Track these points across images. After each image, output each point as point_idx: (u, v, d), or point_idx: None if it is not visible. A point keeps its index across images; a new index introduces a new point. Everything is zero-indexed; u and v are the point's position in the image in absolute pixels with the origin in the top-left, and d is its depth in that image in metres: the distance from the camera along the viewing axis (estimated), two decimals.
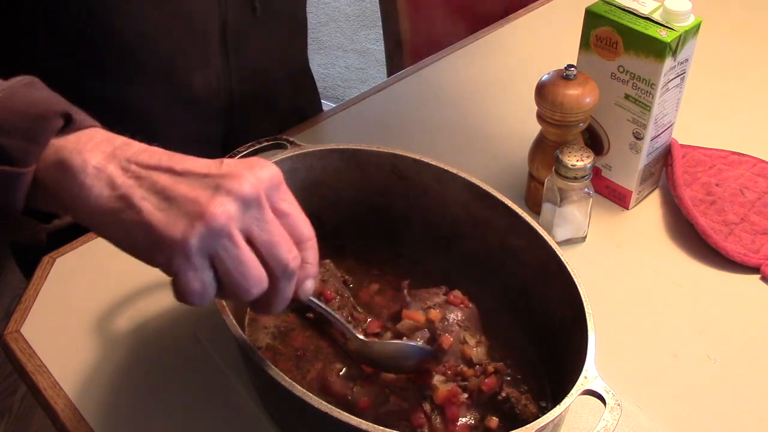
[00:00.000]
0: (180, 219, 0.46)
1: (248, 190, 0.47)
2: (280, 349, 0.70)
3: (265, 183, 0.48)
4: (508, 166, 0.93)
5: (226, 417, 0.68)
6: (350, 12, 3.15)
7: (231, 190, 0.46)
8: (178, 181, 0.47)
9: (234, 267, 0.47)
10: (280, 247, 0.49)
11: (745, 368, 0.72)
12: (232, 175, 0.47)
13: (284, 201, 0.50)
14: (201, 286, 0.47)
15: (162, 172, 0.47)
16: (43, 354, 0.73)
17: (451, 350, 0.65)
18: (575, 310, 0.60)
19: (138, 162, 0.48)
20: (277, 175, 0.50)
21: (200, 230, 0.45)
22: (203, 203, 0.46)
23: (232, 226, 0.46)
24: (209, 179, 0.47)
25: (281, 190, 0.50)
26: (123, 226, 0.46)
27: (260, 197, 0.48)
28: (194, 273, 0.46)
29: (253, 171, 0.48)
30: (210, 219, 0.45)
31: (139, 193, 0.46)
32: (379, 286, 0.75)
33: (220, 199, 0.46)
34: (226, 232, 0.46)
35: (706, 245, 0.82)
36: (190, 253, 0.46)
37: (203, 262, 0.46)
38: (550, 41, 1.17)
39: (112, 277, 0.80)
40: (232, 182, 0.47)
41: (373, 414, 0.62)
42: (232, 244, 0.47)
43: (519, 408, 0.61)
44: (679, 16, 0.76)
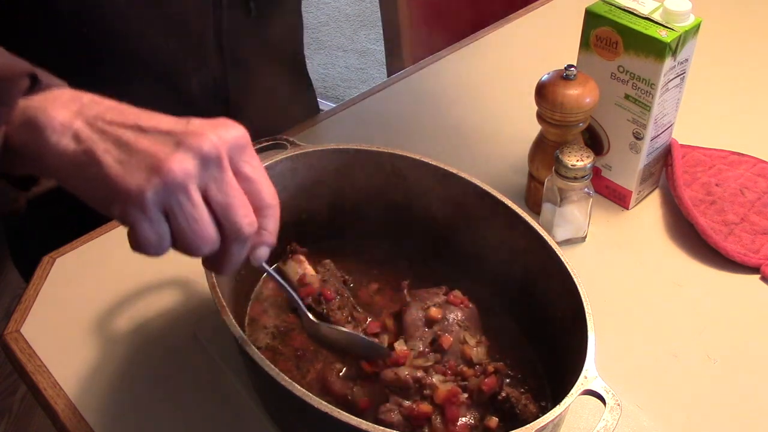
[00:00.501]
0: (138, 172, 0.46)
1: (208, 148, 0.47)
2: (279, 349, 0.70)
3: (228, 143, 0.49)
4: (508, 166, 0.93)
5: (226, 417, 0.68)
6: (350, 12, 3.15)
7: (191, 147, 0.47)
8: (141, 137, 0.47)
9: (186, 224, 0.48)
10: (236, 210, 0.49)
11: (745, 368, 0.72)
12: (195, 133, 0.47)
13: (248, 164, 0.50)
14: (156, 238, 0.48)
15: (127, 128, 0.48)
16: (43, 354, 0.73)
17: (451, 350, 0.65)
18: (575, 310, 0.60)
19: (105, 118, 0.48)
20: (243, 136, 0.50)
21: (156, 183, 0.46)
22: (162, 158, 0.46)
23: (189, 182, 0.47)
24: (172, 136, 0.47)
25: (246, 153, 0.50)
26: (85, 179, 0.47)
27: (221, 157, 0.48)
28: (149, 225, 0.47)
29: (217, 130, 0.48)
30: (167, 173, 0.46)
31: (103, 146, 0.47)
32: (378, 286, 0.75)
33: (180, 155, 0.46)
34: (182, 188, 0.47)
35: (706, 245, 0.82)
36: (145, 205, 0.46)
37: (158, 214, 0.47)
38: (550, 41, 1.17)
39: (112, 277, 0.80)
40: (193, 139, 0.47)
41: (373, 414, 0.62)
42: (188, 200, 0.47)
43: (519, 408, 0.61)
44: (679, 16, 0.76)
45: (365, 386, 0.64)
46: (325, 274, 0.72)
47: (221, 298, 0.58)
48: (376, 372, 0.64)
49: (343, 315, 0.69)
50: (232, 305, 0.61)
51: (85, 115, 0.48)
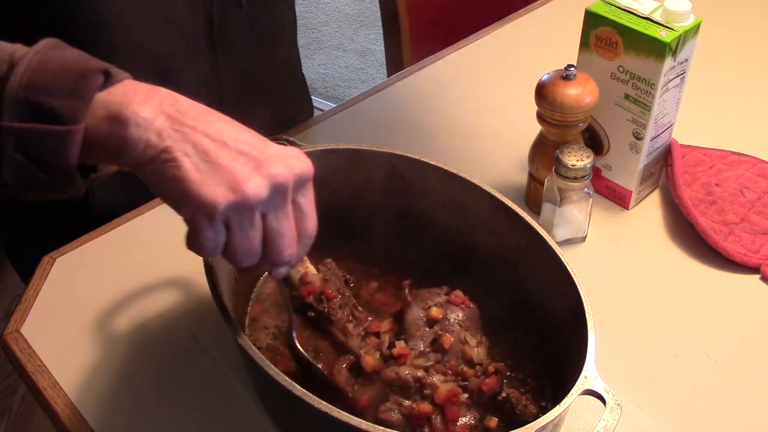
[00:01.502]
0: (216, 185, 0.50)
1: (280, 180, 0.51)
2: (280, 349, 0.70)
3: (296, 175, 0.53)
4: (508, 166, 0.93)
5: (226, 417, 0.68)
6: (350, 12, 3.15)
7: (268, 175, 0.51)
8: (220, 149, 0.51)
9: (241, 241, 0.52)
10: (283, 239, 0.53)
11: (745, 368, 0.72)
12: (269, 161, 0.51)
13: (304, 197, 0.55)
14: (213, 245, 0.51)
15: (207, 137, 0.51)
16: (43, 354, 0.73)
17: (452, 350, 0.65)
18: (575, 310, 0.60)
19: (185, 121, 0.51)
20: (310, 171, 0.54)
21: (231, 200, 0.50)
22: (241, 178, 0.50)
23: (257, 206, 0.51)
24: (249, 158, 0.51)
25: (307, 185, 0.55)
26: (162, 175, 0.50)
27: (287, 188, 0.52)
28: (212, 233, 0.51)
29: (291, 161, 0.52)
30: (243, 193, 0.50)
31: (183, 148, 0.50)
32: (379, 285, 0.75)
33: (257, 180, 0.50)
34: (249, 209, 0.51)
35: (706, 245, 0.82)
36: (215, 216, 0.50)
37: (221, 226, 0.51)
38: (550, 41, 1.17)
39: (112, 277, 0.80)
40: (269, 167, 0.51)
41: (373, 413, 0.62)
42: (250, 221, 0.51)
43: (519, 408, 0.61)
44: (679, 16, 0.76)
45: (366, 385, 0.64)
46: (326, 273, 0.72)
47: (221, 298, 0.58)
48: (377, 371, 0.64)
49: (344, 314, 0.69)
50: (232, 305, 0.61)
51: (166, 112, 0.51)
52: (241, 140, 0.52)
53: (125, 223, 0.87)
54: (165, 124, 0.50)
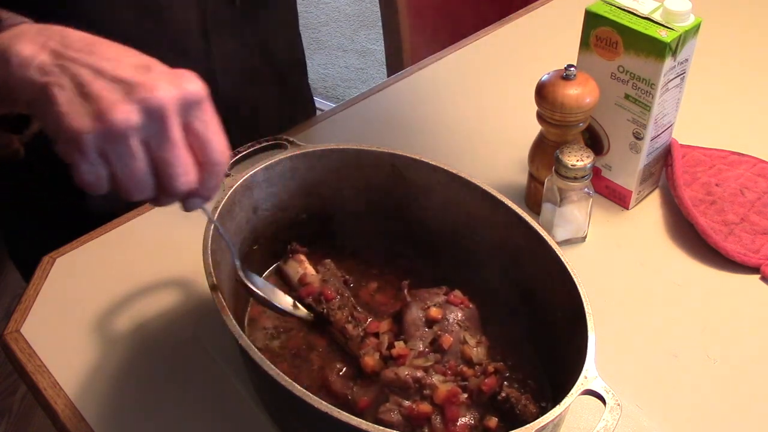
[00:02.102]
0: (83, 115, 0.47)
1: (155, 103, 0.48)
2: (279, 349, 0.70)
3: (181, 98, 0.49)
4: (508, 166, 0.93)
5: (226, 417, 0.68)
6: (350, 12, 3.15)
7: (139, 99, 0.48)
8: (97, 79, 0.48)
9: (122, 173, 0.49)
10: (172, 167, 0.50)
11: (745, 368, 0.72)
12: (148, 85, 0.48)
13: (199, 120, 0.51)
14: (94, 179, 0.49)
15: (86, 67, 0.49)
16: (43, 354, 0.73)
17: (451, 350, 0.65)
18: (575, 310, 0.60)
19: (67, 53, 0.49)
20: (198, 92, 0.50)
21: (96, 129, 0.47)
22: (107, 105, 0.47)
23: (129, 134, 0.48)
24: (125, 84, 0.48)
25: (200, 108, 0.51)
26: (42, 113, 0.49)
27: (166, 111, 0.49)
28: (88, 167, 0.49)
29: (173, 84, 0.49)
30: (107, 122, 0.47)
31: (60, 81, 0.48)
32: (378, 285, 0.75)
33: (125, 106, 0.48)
34: (121, 138, 0.48)
35: (706, 245, 0.82)
36: (84, 148, 0.48)
37: (97, 158, 0.48)
38: (550, 41, 1.17)
39: (112, 277, 0.80)
40: (143, 91, 0.48)
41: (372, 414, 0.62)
42: (126, 151, 0.48)
43: (519, 408, 0.61)
44: (679, 16, 0.76)
45: (365, 386, 0.64)
46: (325, 273, 0.72)
47: (221, 298, 0.58)
48: (376, 372, 0.64)
49: (343, 315, 0.69)
50: (232, 305, 0.61)
51: (49, 47, 0.49)
52: (123, 65, 0.49)
53: (125, 223, 0.87)
54: (47, 59, 0.49)
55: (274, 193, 0.73)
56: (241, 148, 0.73)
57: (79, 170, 0.49)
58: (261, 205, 0.72)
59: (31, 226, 0.96)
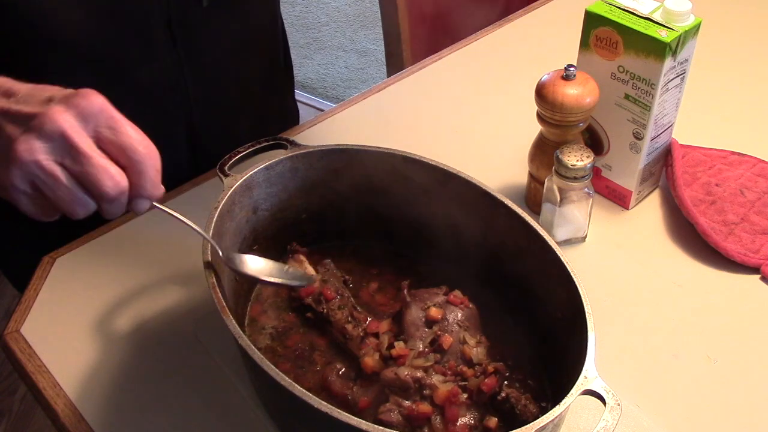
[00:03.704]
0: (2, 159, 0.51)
1: (49, 128, 0.51)
2: (279, 349, 0.70)
3: (77, 116, 0.52)
4: (508, 166, 0.93)
5: (226, 417, 0.68)
6: (350, 12, 3.15)
7: (34, 128, 0.51)
8: (7, 123, 0.52)
9: (52, 194, 0.52)
10: (94, 177, 0.52)
11: (745, 368, 0.72)
12: (43, 114, 0.51)
13: (106, 128, 0.53)
14: (38, 209, 0.53)
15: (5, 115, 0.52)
16: (43, 354, 0.73)
17: (451, 350, 0.65)
18: (575, 310, 0.60)
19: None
20: (94, 104, 0.53)
21: (13, 170, 0.51)
22: (12, 146, 0.51)
23: (41, 160, 0.51)
24: (27, 119, 0.52)
25: (104, 116, 0.53)
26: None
27: (62, 130, 0.51)
28: (27, 199, 0.53)
29: (67, 104, 0.52)
30: (16, 159, 0.51)
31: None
32: (378, 285, 0.75)
33: (24, 137, 0.51)
34: (33, 164, 0.51)
35: (706, 245, 0.82)
36: (15, 188, 0.52)
37: (29, 191, 0.52)
38: (550, 41, 1.17)
39: (112, 277, 0.80)
40: (37, 120, 0.51)
41: (373, 414, 0.62)
42: (44, 174, 0.51)
43: (519, 408, 0.61)
44: (679, 16, 0.76)
45: (365, 386, 0.64)
46: (325, 273, 0.72)
47: (221, 298, 0.58)
48: (376, 372, 0.64)
49: (343, 315, 0.69)
50: (232, 305, 0.61)
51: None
52: (31, 104, 0.52)
53: (125, 223, 0.87)
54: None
55: (274, 193, 0.73)
56: (241, 148, 0.73)
57: (21, 205, 0.53)
58: (261, 205, 0.72)
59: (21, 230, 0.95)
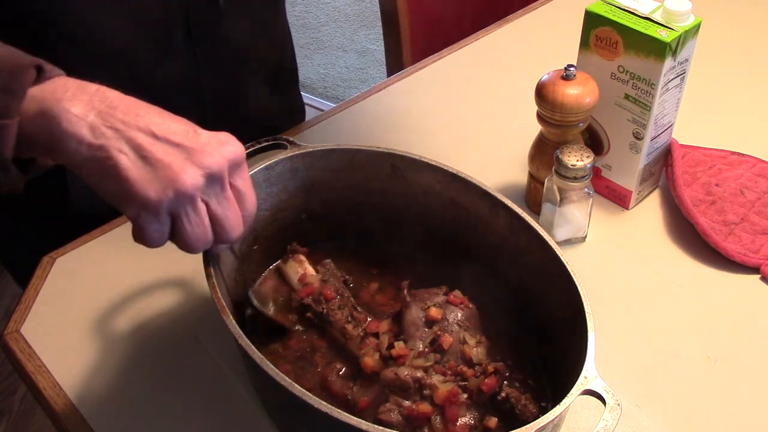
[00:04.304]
0: (154, 181, 0.52)
1: (215, 168, 0.54)
2: (279, 350, 0.70)
3: (229, 161, 0.55)
4: (508, 166, 0.93)
5: (226, 417, 0.68)
6: (350, 12, 3.15)
7: (201, 165, 0.53)
8: (154, 143, 0.52)
9: (190, 230, 0.55)
10: (230, 222, 0.57)
11: (745, 368, 0.72)
12: (202, 150, 0.53)
13: (241, 179, 0.57)
14: (159, 237, 0.55)
15: (140, 131, 0.52)
16: (43, 354, 0.73)
17: (451, 350, 0.65)
18: (575, 310, 0.60)
19: (116, 115, 0.52)
20: (242, 154, 0.57)
21: (171, 195, 0.52)
22: (176, 171, 0.52)
23: (196, 195, 0.53)
24: (182, 149, 0.53)
25: (242, 167, 0.57)
26: (100, 174, 0.52)
27: (223, 175, 0.55)
28: (157, 227, 0.54)
29: (222, 148, 0.55)
30: (181, 186, 0.52)
31: (117, 145, 0.51)
32: (379, 285, 0.75)
33: (191, 170, 0.53)
34: (190, 199, 0.53)
35: (706, 245, 0.82)
36: (159, 212, 0.53)
37: (167, 219, 0.54)
38: (550, 41, 1.17)
39: (112, 277, 0.80)
40: (202, 157, 0.53)
41: (373, 414, 0.62)
42: (193, 210, 0.54)
43: (519, 408, 0.61)
44: (679, 16, 0.76)
45: (365, 386, 0.64)
46: (325, 273, 0.72)
47: (221, 298, 0.58)
48: (376, 372, 0.64)
49: (343, 315, 0.69)
50: (232, 305, 0.61)
51: (97, 108, 0.52)
52: (172, 131, 0.53)
53: (125, 223, 0.87)
54: (97, 120, 0.51)
55: (274, 193, 0.73)
56: None
57: (148, 231, 0.54)
58: (261, 205, 0.72)
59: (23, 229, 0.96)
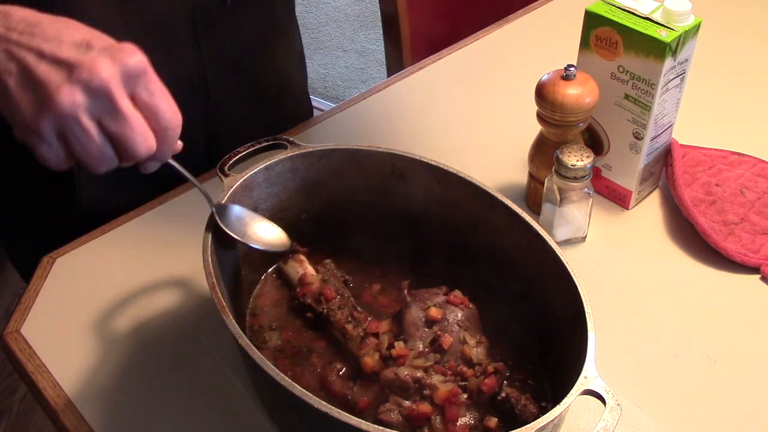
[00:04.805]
0: (33, 103, 0.50)
1: (97, 83, 0.50)
2: (279, 349, 0.70)
3: (123, 72, 0.52)
4: (508, 166, 0.93)
5: (226, 417, 0.68)
6: (350, 12, 3.15)
7: (81, 80, 0.50)
8: (39, 63, 0.50)
9: (81, 148, 0.52)
10: (130, 139, 0.53)
11: (745, 368, 0.72)
12: (87, 65, 0.51)
13: (145, 90, 0.54)
14: (56, 158, 0.53)
15: (30, 51, 0.51)
16: (43, 354, 0.73)
17: (451, 350, 0.65)
18: (575, 310, 0.60)
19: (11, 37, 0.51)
20: (141, 64, 0.53)
21: (46, 115, 0.50)
22: (51, 91, 0.50)
23: (79, 113, 0.51)
24: (66, 65, 0.50)
25: (145, 78, 0.53)
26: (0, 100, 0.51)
27: (109, 89, 0.51)
28: (48, 148, 0.52)
29: (113, 59, 0.51)
30: (55, 105, 0.50)
31: (7, 67, 0.51)
32: (381, 286, 0.75)
33: (67, 87, 0.50)
34: (71, 118, 0.51)
35: (706, 245, 0.82)
36: (41, 132, 0.51)
37: (54, 139, 0.52)
38: (550, 41, 1.17)
39: (112, 277, 0.80)
40: (83, 72, 0.50)
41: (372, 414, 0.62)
42: (80, 129, 0.51)
43: (519, 408, 0.61)
44: (679, 16, 0.76)
45: (365, 386, 0.64)
46: (325, 273, 0.72)
47: (221, 298, 0.58)
48: (376, 372, 0.64)
49: (343, 315, 0.69)
50: (232, 305, 0.61)
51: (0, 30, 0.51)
52: (64, 45, 0.51)
53: (125, 223, 0.87)
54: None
55: (274, 193, 0.73)
56: (241, 148, 0.73)
57: (39, 153, 0.52)
58: (261, 205, 0.72)
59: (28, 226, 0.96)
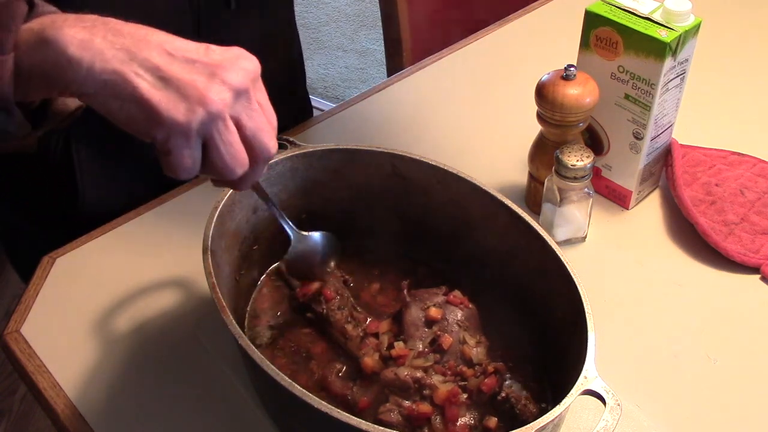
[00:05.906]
0: (180, 101, 0.49)
1: (240, 81, 0.51)
2: (279, 349, 0.70)
3: (250, 75, 0.52)
4: (508, 166, 0.93)
5: (226, 417, 0.68)
6: (350, 12, 3.15)
7: (225, 80, 0.50)
8: (171, 62, 0.49)
9: (225, 150, 0.51)
10: (265, 134, 0.54)
11: (745, 368, 0.72)
12: (222, 65, 0.51)
13: (261, 92, 0.54)
14: (191, 163, 0.51)
15: (153, 51, 0.49)
16: (43, 354, 0.73)
17: (451, 350, 0.65)
18: (575, 310, 0.60)
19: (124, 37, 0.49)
20: (259, 68, 0.54)
21: (201, 115, 0.49)
22: (202, 89, 0.49)
23: (226, 112, 0.50)
24: (200, 65, 0.50)
25: (260, 81, 0.54)
26: (117, 101, 0.48)
27: (248, 88, 0.52)
28: (189, 152, 0.50)
29: (240, 62, 0.52)
30: (210, 104, 0.49)
31: (132, 68, 0.48)
32: (380, 286, 0.75)
33: (217, 87, 0.50)
34: (221, 117, 0.50)
35: (706, 245, 0.82)
36: (190, 134, 0.49)
37: (198, 142, 0.50)
38: (550, 41, 1.17)
39: (112, 277, 0.80)
40: (225, 72, 0.50)
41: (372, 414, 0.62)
42: (226, 128, 0.51)
43: (519, 408, 0.61)
44: (679, 16, 0.76)
45: (365, 386, 0.64)
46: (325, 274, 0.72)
47: (221, 298, 0.58)
48: (376, 372, 0.64)
49: (342, 315, 0.69)
50: (232, 305, 0.61)
51: (101, 32, 0.48)
52: (185, 48, 0.50)
53: (125, 224, 0.87)
54: (104, 44, 0.48)
55: (274, 193, 0.73)
56: None
57: (179, 156, 0.50)
58: (261, 205, 0.72)
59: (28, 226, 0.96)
